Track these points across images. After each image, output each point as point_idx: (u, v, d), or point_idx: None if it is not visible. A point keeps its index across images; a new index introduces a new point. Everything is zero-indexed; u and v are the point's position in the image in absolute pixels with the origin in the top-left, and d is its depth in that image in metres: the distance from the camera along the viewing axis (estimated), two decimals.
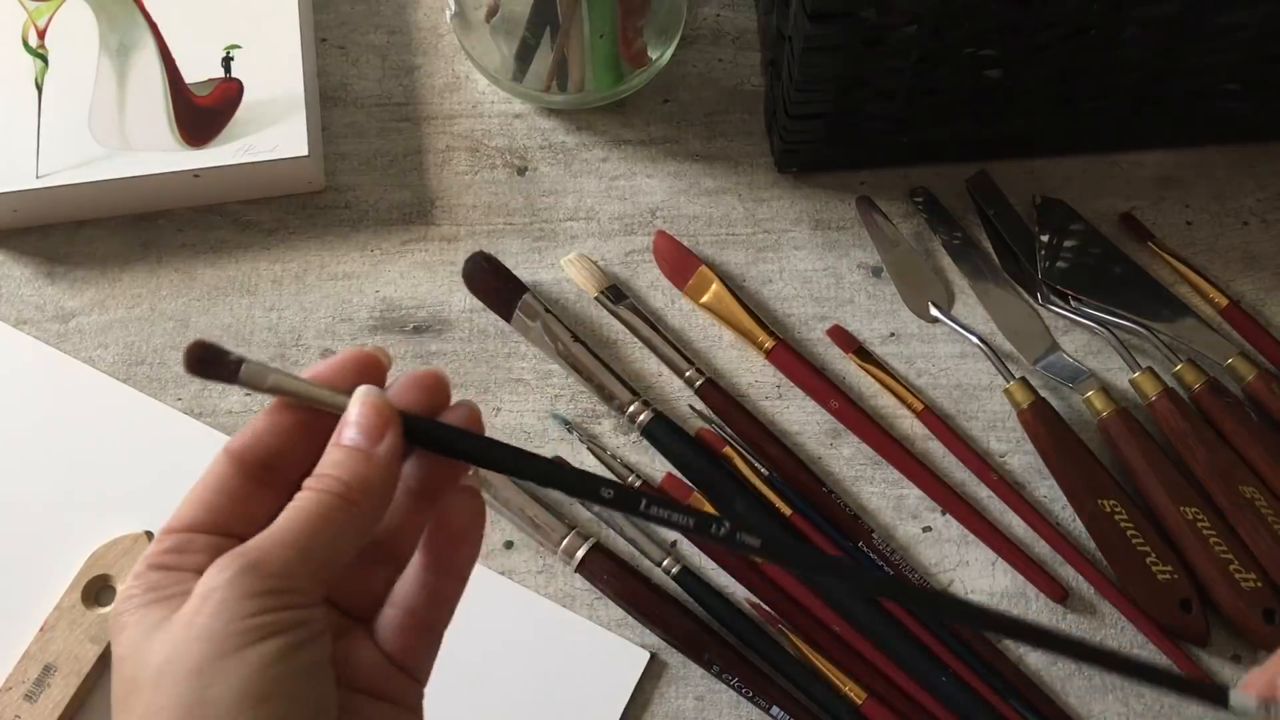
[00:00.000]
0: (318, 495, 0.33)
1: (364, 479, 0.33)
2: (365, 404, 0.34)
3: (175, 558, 0.33)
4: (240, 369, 0.34)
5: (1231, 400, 0.56)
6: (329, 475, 0.33)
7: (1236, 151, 0.62)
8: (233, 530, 0.34)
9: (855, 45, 0.53)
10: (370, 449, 0.33)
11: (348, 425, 0.33)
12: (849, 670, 0.53)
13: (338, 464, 0.33)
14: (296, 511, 0.32)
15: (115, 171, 0.59)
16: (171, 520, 0.34)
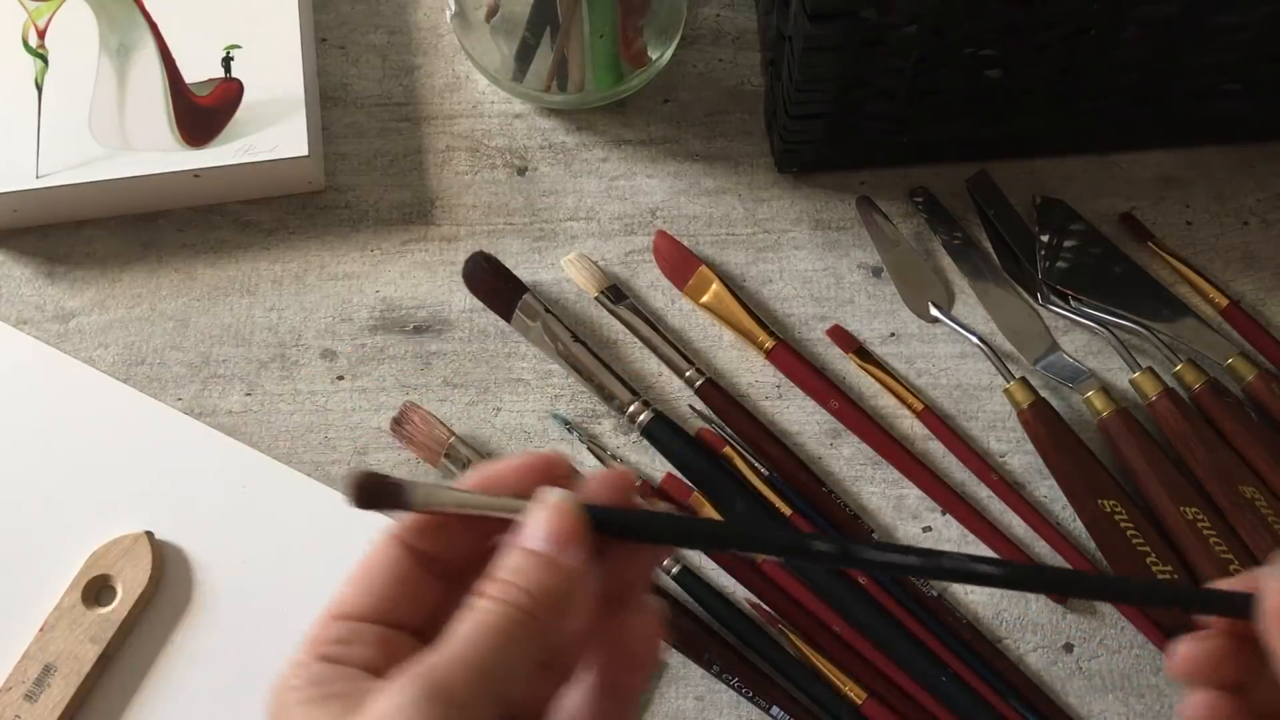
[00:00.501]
0: (500, 607, 0.30)
1: (550, 590, 0.30)
2: (551, 506, 0.31)
3: (342, 650, 0.31)
4: (413, 495, 0.32)
5: (1231, 400, 0.56)
6: (511, 584, 0.30)
7: (1236, 151, 0.62)
8: (400, 619, 0.32)
9: (855, 45, 0.53)
10: (556, 555, 0.31)
11: (531, 527, 0.31)
12: (849, 670, 0.53)
13: (520, 571, 0.31)
14: (477, 626, 0.30)
15: (115, 171, 0.59)
16: (336, 606, 0.32)
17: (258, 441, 0.58)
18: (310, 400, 0.59)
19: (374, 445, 0.58)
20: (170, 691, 0.54)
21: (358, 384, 0.59)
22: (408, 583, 0.32)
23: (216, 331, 0.60)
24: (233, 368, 0.59)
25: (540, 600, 0.30)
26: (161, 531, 0.56)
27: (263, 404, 0.58)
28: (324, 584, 0.56)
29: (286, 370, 0.59)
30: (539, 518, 0.31)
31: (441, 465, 0.56)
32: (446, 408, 0.58)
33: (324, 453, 0.58)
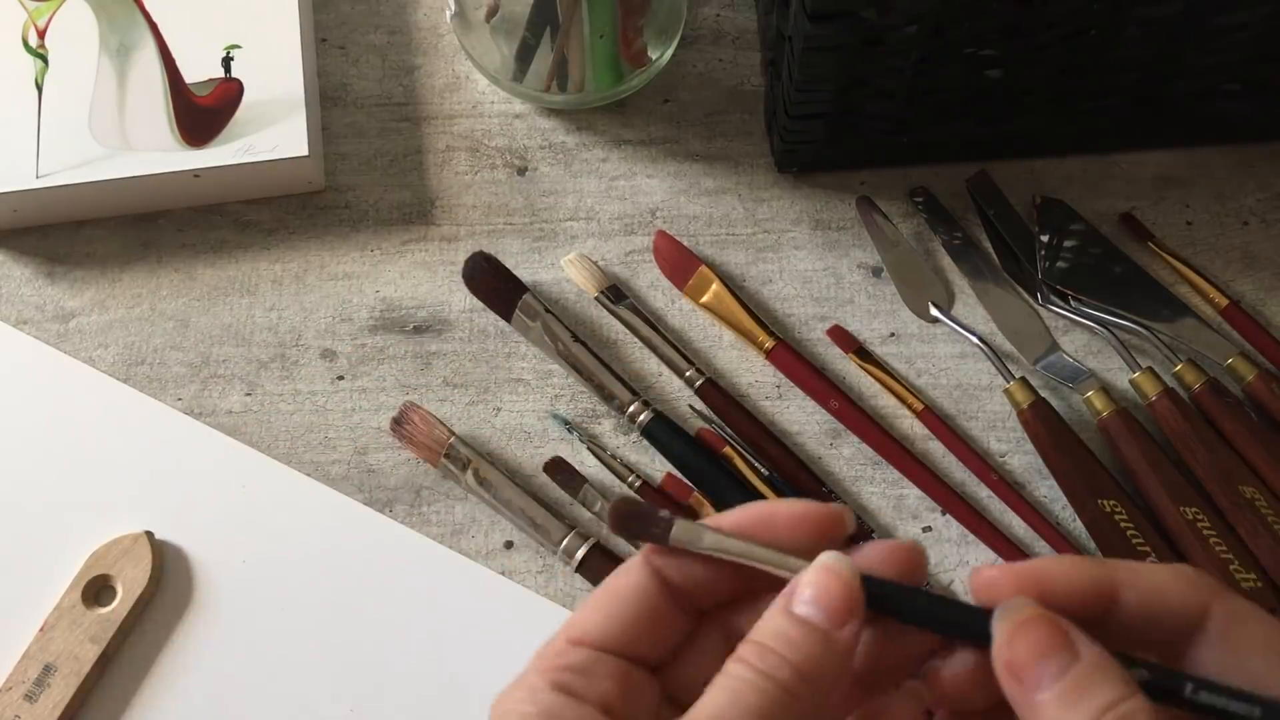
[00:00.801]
0: (762, 681, 0.28)
1: (819, 666, 0.28)
2: (833, 573, 0.29)
3: (581, 681, 0.29)
4: (671, 529, 0.30)
5: (1231, 400, 0.56)
6: (775, 654, 0.28)
7: (1236, 151, 0.62)
8: (641, 653, 0.30)
9: (855, 45, 0.53)
10: (832, 630, 0.28)
11: (805, 594, 0.29)
12: None
13: (788, 642, 0.28)
14: (735, 699, 0.28)
15: (115, 171, 0.59)
16: (576, 630, 0.30)
17: (258, 441, 0.58)
18: (310, 400, 0.59)
19: (374, 445, 0.58)
20: (170, 691, 0.54)
21: (358, 384, 0.59)
22: (655, 615, 0.31)
23: (216, 331, 0.60)
24: (233, 368, 0.59)
25: (807, 677, 0.28)
26: (161, 531, 0.56)
27: (263, 404, 0.58)
28: (324, 584, 0.57)
29: (286, 370, 0.59)
30: (818, 582, 0.29)
31: (441, 465, 0.56)
32: (446, 408, 0.58)
33: (324, 453, 0.58)
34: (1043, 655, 0.28)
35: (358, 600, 0.55)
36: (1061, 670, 0.27)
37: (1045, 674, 0.27)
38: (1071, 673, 0.27)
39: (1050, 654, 0.28)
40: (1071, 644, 0.28)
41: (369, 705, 0.53)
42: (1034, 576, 0.29)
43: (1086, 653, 0.28)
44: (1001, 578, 0.29)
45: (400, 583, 0.55)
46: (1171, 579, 0.29)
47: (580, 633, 0.30)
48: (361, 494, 0.57)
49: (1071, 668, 0.27)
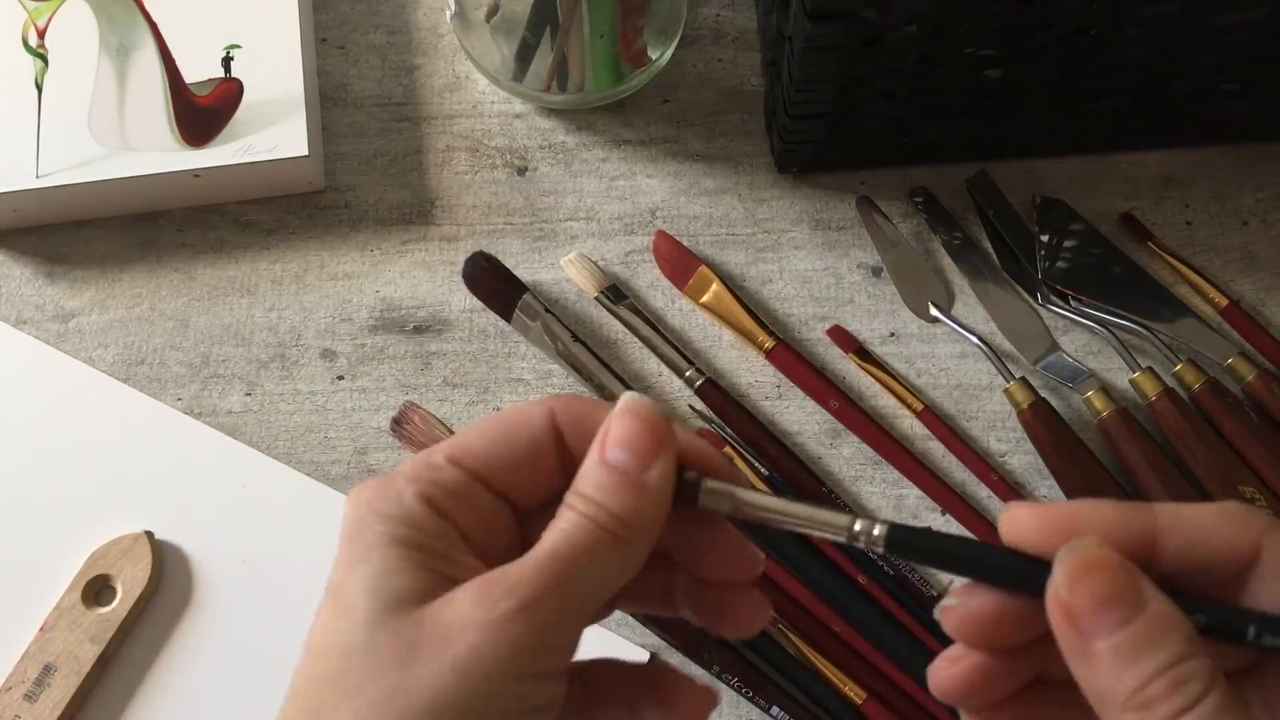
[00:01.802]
0: (591, 527, 0.29)
1: (633, 509, 0.29)
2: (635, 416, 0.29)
3: (450, 502, 0.29)
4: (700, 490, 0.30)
5: (1231, 400, 0.56)
6: (593, 501, 0.29)
7: (1236, 151, 0.62)
8: (513, 494, 0.30)
9: (855, 45, 0.53)
10: (640, 472, 0.29)
11: (613, 440, 0.29)
12: (849, 670, 0.53)
13: (604, 489, 0.29)
14: (574, 545, 0.28)
15: (115, 171, 0.59)
16: (460, 450, 0.30)
17: (258, 441, 0.58)
18: (310, 400, 0.59)
19: (374, 445, 0.58)
20: (170, 691, 0.54)
21: (358, 384, 0.59)
22: (538, 460, 0.31)
23: (216, 331, 0.60)
24: (233, 368, 0.59)
25: (624, 519, 0.29)
26: (161, 531, 0.56)
27: (263, 404, 0.59)
28: (324, 584, 0.56)
29: (286, 370, 0.59)
30: (622, 427, 0.29)
31: None
32: (446, 408, 0.58)
33: (324, 453, 0.58)
34: (1105, 603, 0.26)
35: None
36: (1123, 621, 0.26)
37: (1105, 623, 0.26)
38: (1133, 625, 0.26)
39: (1113, 602, 0.26)
40: (1139, 593, 0.26)
41: None
42: (1068, 520, 0.28)
43: (1153, 605, 0.26)
44: (1030, 518, 0.28)
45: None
46: (1217, 519, 0.28)
47: (463, 455, 0.30)
48: None
49: (1134, 620, 0.26)
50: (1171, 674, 0.25)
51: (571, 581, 0.28)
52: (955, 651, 0.30)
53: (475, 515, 0.30)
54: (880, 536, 0.29)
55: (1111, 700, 0.26)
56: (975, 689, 0.30)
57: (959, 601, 0.29)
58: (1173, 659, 0.25)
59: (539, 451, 0.31)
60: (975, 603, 0.29)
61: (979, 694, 0.30)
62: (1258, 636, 0.27)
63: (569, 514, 0.29)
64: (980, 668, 0.29)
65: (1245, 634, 0.27)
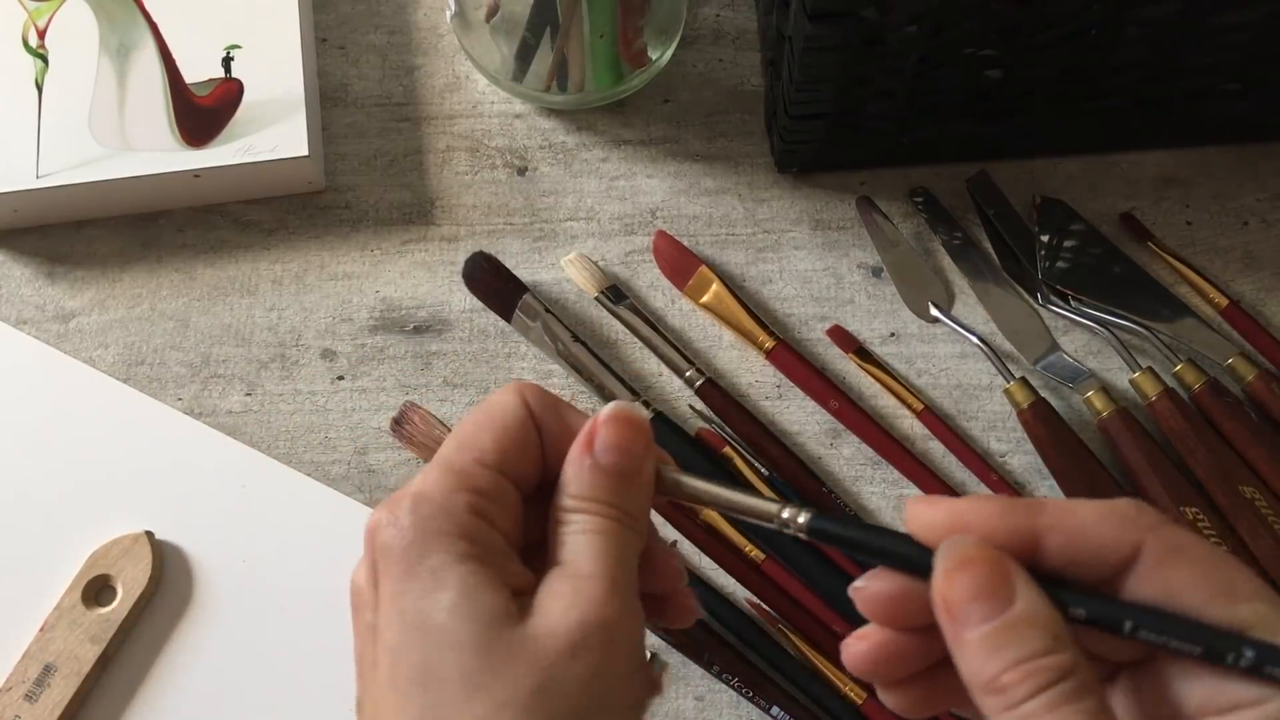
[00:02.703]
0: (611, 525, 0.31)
1: (634, 502, 0.32)
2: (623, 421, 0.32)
3: (495, 509, 0.31)
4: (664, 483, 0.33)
5: (1231, 400, 0.56)
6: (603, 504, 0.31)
7: (1236, 151, 0.62)
8: (520, 480, 0.32)
9: (855, 45, 0.53)
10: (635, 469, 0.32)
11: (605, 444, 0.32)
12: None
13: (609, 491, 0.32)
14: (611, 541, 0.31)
15: (115, 171, 0.59)
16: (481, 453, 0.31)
17: (258, 441, 0.58)
18: (310, 400, 0.59)
19: (374, 445, 0.58)
20: (170, 691, 0.54)
21: (358, 384, 0.59)
22: (530, 447, 0.32)
23: (216, 331, 0.60)
24: (233, 368, 0.59)
25: (630, 513, 0.31)
26: (161, 531, 0.56)
27: (263, 404, 0.59)
28: (324, 584, 0.56)
29: (286, 370, 0.59)
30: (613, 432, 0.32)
31: None
32: (446, 408, 0.58)
33: (324, 453, 0.58)
34: (976, 596, 0.28)
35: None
36: (992, 614, 0.28)
37: (975, 615, 0.28)
38: (1000, 618, 0.28)
39: (983, 596, 0.28)
40: (1009, 589, 0.28)
41: None
42: (955, 516, 0.30)
43: (1022, 601, 0.28)
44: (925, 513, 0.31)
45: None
46: (1099, 519, 0.30)
47: (486, 456, 0.31)
48: (361, 494, 0.57)
49: (1002, 613, 0.28)
50: (1027, 665, 0.27)
51: (631, 575, 0.31)
52: (866, 630, 0.32)
53: (508, 512, 0.31)
54: (804, 524, 0.32)
55: (975, 683, 0.28)
56: (883, 664, 0.32)
57: (867, 583, 0.31)
58: (1030, 653, 0.28)
59: (529, 437, 0.32)
60: (882, 584, 0.31)
61: (887, 669, 0.32)
62: (1133, 630, 0.28)
63: (594, 520, 0.31)
64: (887, 644, 0.32)
65: (1122, 627, 0.29)
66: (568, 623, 0.29)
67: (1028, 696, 0.27)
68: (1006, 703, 0.27)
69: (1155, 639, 0.28)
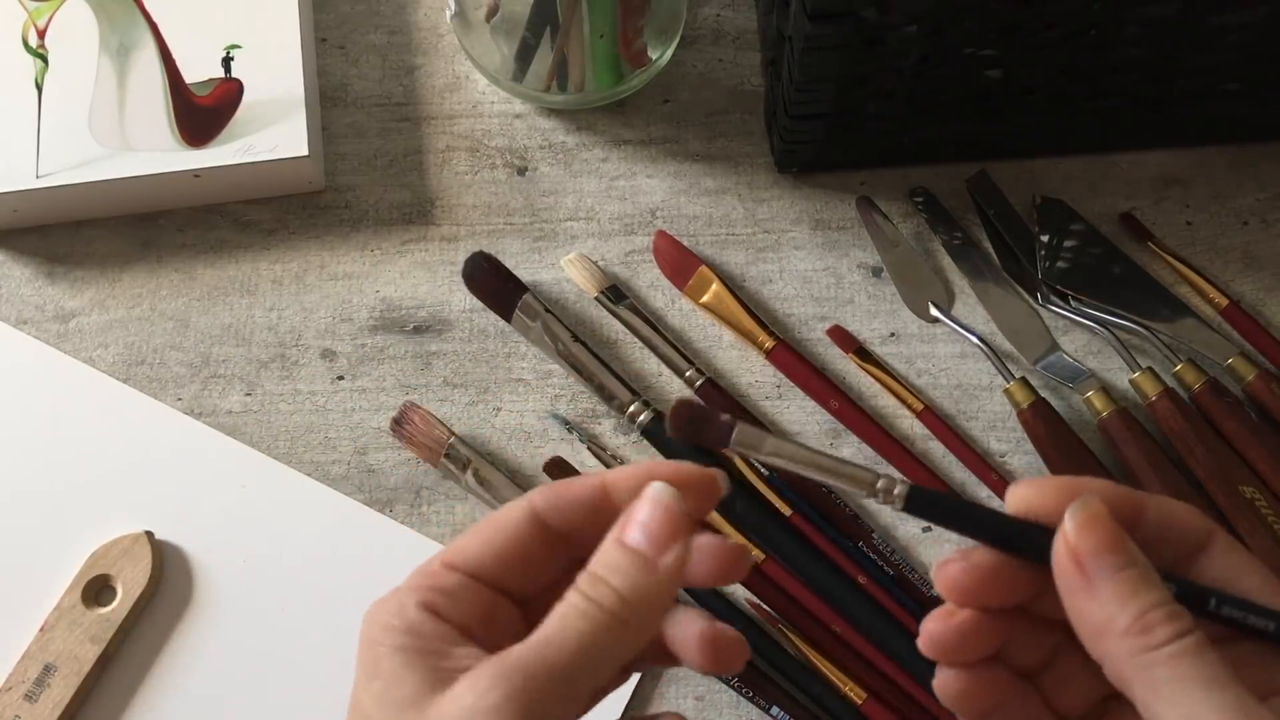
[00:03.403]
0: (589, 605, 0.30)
1: (641, 592, 0.30)
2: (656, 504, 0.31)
3: (446, 603, 0.31)
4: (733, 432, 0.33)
5: (1231, 400, 0.56)
6: (603, 582, 0.30)
7: (1236, 151, 0.62)
8: (509, 585, 0.32)
9: (855, 45, 0.53)
10: (655, 556, 0.31)
11: (633, 524, 0.31)
12: (849, 670, 0.53)
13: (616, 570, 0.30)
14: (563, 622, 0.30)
15: (115, 171, 0.59)
16: (452, 554, 0.32)
17: (258, 441, 0.58)
18: (310, 400, 0.59)
19: (374, 445, 0.58)
20: (170, 691, 0.54)
21: (358, 384, 0.59)
22: (527, 551, 0.32)
23: (216, 331, 0.60)
24: (233, 368, 0.59)
25: (631, 602, 0.30)
26: (161, 531, 0.56)
27: (263, 404, 0.59)
28: (324, 584, 0.57)
29: (286, 370, 0.59)
30: (643, 513, 0.31)
31: (441, 465, 0.56)
32: (446, 408, 0.58)
33: (324, 453, 0.58)
34: (1108, 549, 0.30)
35: (358, 600, 0.55)
36: (1122, 566, 0.30)
37: (1106, 566, 0.30)
38: (1129, 571, 0.30)
39: (1113, 551, 0.30)
40: (1133, 548, 0.31)
41: None
42: (1072, 486, 0.32)
43: (1141, 560, 0.31)
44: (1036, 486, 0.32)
45: (400, 582, 0.55)
46: (1182, 508, 0.33)
47: (457, 558, 0.32)
48: (361, 494, 0.57)
49: (1129, 568, 0.30)
50: (1166, 609, 0.30)
51: (565, 668, 0.29)
52: (947, 609, 0.33)
53: (475, 611, 0.31)
54: (900, 495, 0.32)
55: (1112, 630, 0.30)
56: (964, 643, 0.33)
57: (959, 558, 0.32)
58: (1157, 601, 0.30)
59: (525, 545, 0.32)
60: (975, 559, 0.32)
61: (965, 649, 0.33)
62: (1218, 607, 0.31)
63: (571, 596, 0.30)
64: (969, 623, 0.33)
65: (1208, 604, 0.31)
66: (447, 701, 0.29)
67: (1175, 637, 0.29)
68: (1151, 642, 0.29)
69: (1235, 614, 0.31)
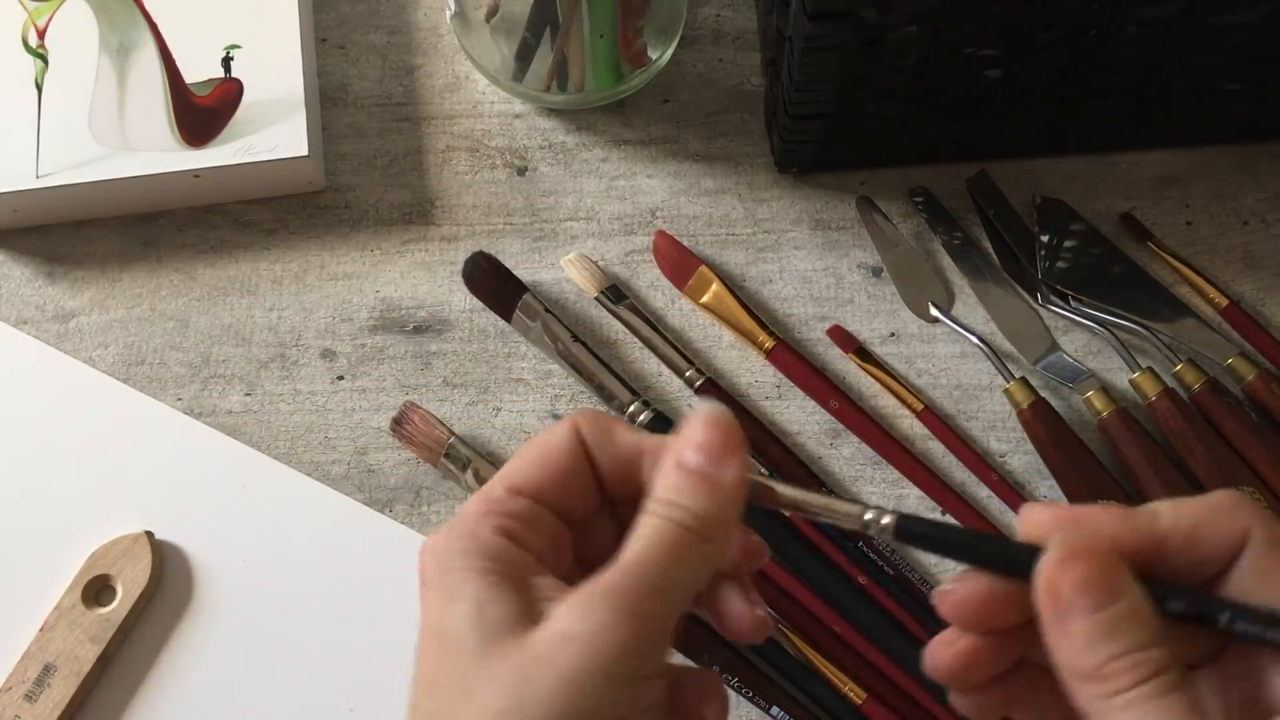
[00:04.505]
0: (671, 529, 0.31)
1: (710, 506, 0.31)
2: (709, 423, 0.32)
3: (523, 530, 0.32)
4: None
5: (1231, 400, 0.56)
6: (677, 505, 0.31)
7: (1236, 151, 0.62)
8: (567, 508, 0.33)
9: (855, 45, 0.53)
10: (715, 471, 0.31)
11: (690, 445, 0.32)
12: (849, 670, 0.53)
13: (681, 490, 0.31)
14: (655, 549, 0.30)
15: (115, 171, 0.59)
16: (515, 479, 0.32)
17: (258, 441, 0.58)
18: (310, 400, 0.59)
19: (374, 445, 0.58)
20: (170, 691, 0.54)
21: (358, 384, 0.59)
22: (579, 476, 0.33)
23: (216, 331, 0.60)
24: (233, 368, 0.59)
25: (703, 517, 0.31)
26: (161, 531, 0.56)
27: (263, 404, 0.59)
28: (324, 584, 0.57)
29: (286, 370, 0.59)
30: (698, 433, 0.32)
31: (441, 465, 0.56)
32: (446, 408, 0.58)
33: (324, 453, 0.58)
34: (1085, 587, 0.29)
35: (358, 600, 0.55)
36: (1097, 606, 0.29)
37: (1082, 605, 0.29)
38: (1106, 612, 0.29)
39: (1091, 589, 0.29)
40: (1116, 585, 0.29)
41: (369, 705, 0.53)
42: (1080, 518, 0.31)
43: (1128, 598, 0.29)
44: (1046, 512, 0.31)
45: (400, 582, 0.55)
46: (1210, 513, 0.31)
47: (519, 482, 0.32)
48: (361, 494, 0.57)
49: (1108, 607, 0.29)
50: (1129, 658, 0.28)
51: (660, 583, 0.30)
52: (950, 634, 0.33)
53: (543, 536, 0.32)
54: (889, 525, 0.32)
55: (1076, 672, 0.29)
56: (968, 668, 0.33)
57: (955, 586, 0.32)
58: (1134, 646, 0.29)
59: (577, 467, 0.33)
60: (970, 587, 0.32)
61: (970, 673, 0.33)
62: (1230, 622, 0.29)
63: (651, 520, 0.31)
64: (973, 648, 0.32)
65: (1218, 620, 0.30)
66: (550, 629, 0.29)
67: (1130, 686, 0.28)
68: (1107, 691, 0.28)
69: (1252, 630, 0.29)
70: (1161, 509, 0.31)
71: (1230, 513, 0.31)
